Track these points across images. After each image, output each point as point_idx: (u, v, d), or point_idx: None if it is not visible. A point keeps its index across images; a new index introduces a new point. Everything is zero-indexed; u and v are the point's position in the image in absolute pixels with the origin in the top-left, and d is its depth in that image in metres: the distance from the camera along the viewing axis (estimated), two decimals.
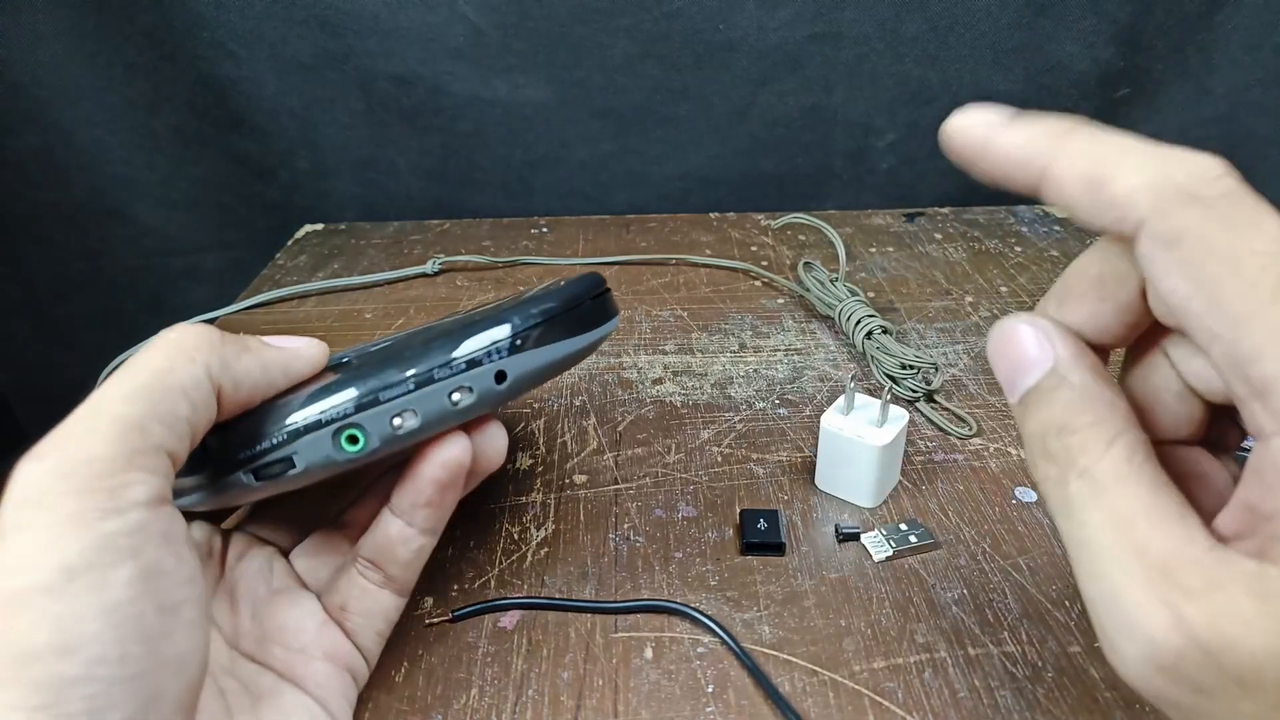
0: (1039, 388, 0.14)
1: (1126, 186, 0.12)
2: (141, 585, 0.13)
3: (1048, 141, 0.13)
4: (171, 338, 0.16)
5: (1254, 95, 0.46)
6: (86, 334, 0.55)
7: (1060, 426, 0.13)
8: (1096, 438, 0.13)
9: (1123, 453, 0.13)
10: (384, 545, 0.19)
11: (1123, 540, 0.12)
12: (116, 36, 0.45)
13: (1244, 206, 0.12)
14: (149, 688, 0.13)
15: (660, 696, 0.20)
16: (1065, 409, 0.13)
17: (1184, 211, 0.12)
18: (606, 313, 0.21)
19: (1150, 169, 0.12)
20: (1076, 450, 0.13)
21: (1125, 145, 0.13)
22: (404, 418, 0.17)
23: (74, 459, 0.14)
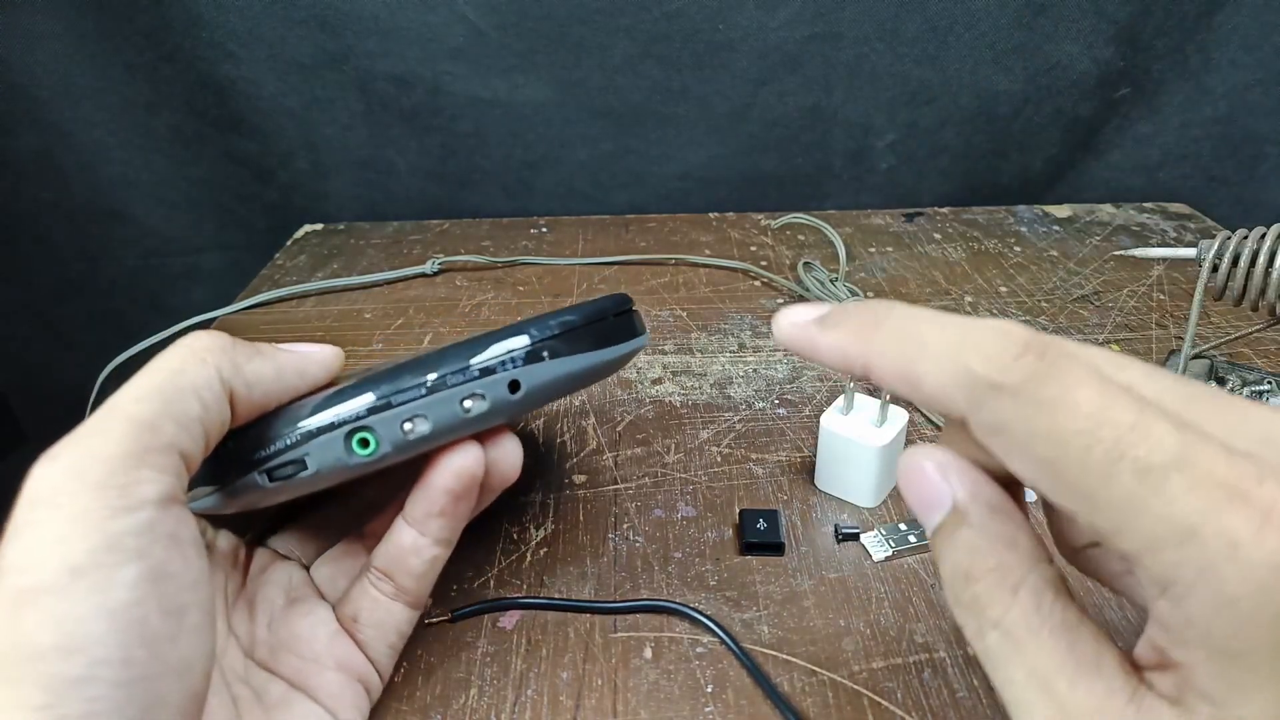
0: (943, 527, 0.14)
1: (934, 386, 0.12)
2: (147, 587, 0.13)
3: (858, 344, 0.14)
4: (185, 342, 0.16)
5: (1254, 95, 0.46)
6: (86, 334, 0.55)
7: (966, 573, 0.13)
8: (1001, 584, 0.13)
9: (1030, 600, 0.12)
10: (397, 555, 0.19)
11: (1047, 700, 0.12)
12: (116, 37, 0.45)
13: (1051, 382, 0.11)
14: (151, 692, 0.13)
15: (659, 696, 0.20)
16: (968, 554, 0.13)
17: (995, 404, 0.11)
18: (631, 330, 0.20)
19: (950, 365, 0.12)
20: (985, 600, 0.13)
21: (926, 336, 0.13)
22: (415, 423, 0.17)
23: (86, 457, 0.14)
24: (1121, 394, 0.11)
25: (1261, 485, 0.10)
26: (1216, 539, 0.10)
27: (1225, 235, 0.27)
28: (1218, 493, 0.10)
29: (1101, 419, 0.11)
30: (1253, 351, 0.34)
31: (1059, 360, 0.11)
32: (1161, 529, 0.10)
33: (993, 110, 0.48)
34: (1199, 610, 0.10)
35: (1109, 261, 0.42)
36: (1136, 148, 0.49)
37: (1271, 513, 0.10)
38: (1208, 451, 0.10)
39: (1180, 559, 0.10)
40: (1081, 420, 0.11)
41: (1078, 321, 0.37)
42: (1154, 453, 0.10)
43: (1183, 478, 0.10)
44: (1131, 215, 0.48)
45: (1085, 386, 0.11)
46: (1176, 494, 0.10)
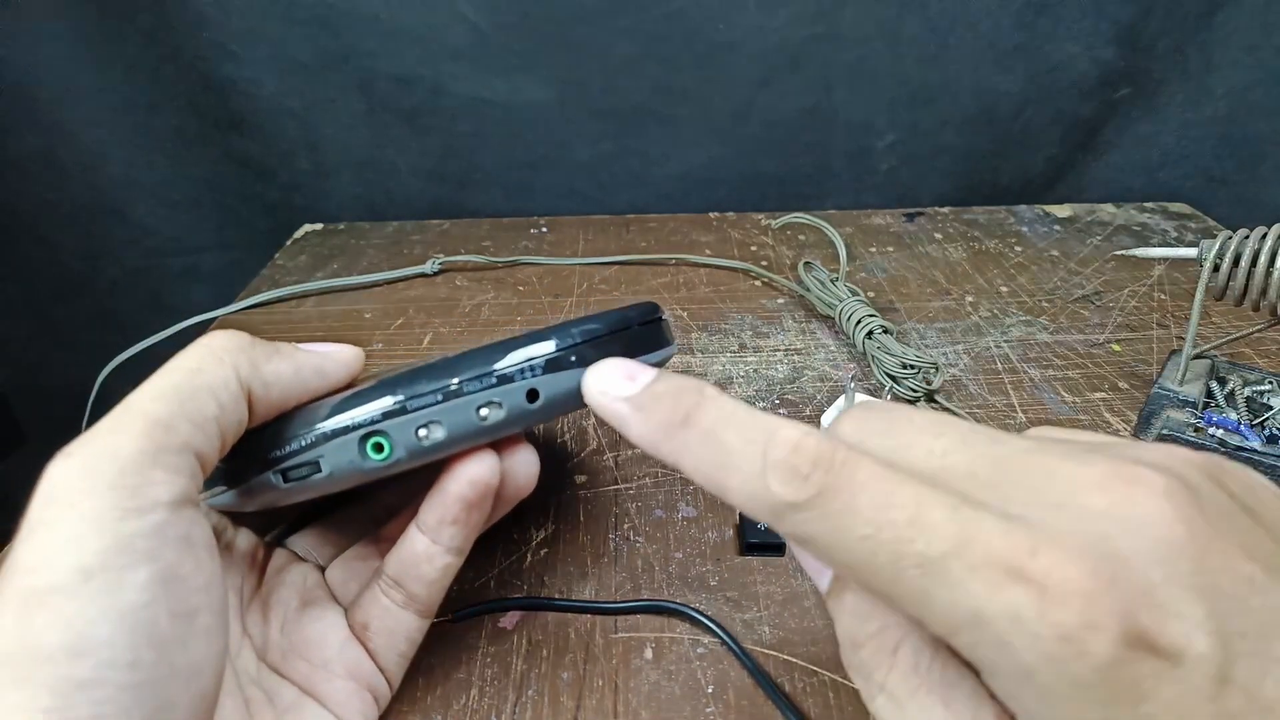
0: (830, 592, 0.14)
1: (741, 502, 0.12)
2: (157, 589, 0.13)
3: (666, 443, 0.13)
4: (203, 341, 0.16)
5: (1254, 95, 0.46)
6: (86, 334, 0.55)
7: (851, 639, 0.13)
8: (882, 648, 0.13)
9: (908, 660, 0.12)
10: (409, 562, 0.19)
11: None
12: (117, 37, 0.45)
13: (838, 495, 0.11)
14: (160, 695, 0.13)
15: (660, 697, 0.20)
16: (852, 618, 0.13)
17: (795, 518, 0.12)
18: (659, 340, 0.20)
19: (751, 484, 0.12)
20: (869, 665, 0.13)
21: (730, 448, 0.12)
22: (430, 429, 0.17)
23: (100, 456, 0.14)
24: (903, 489, 0.11)
25: (1035, 557, 0.10)
26: (1002, 618, 0.10)
27: (1226, 235, 0.27)
28: (994, 572, 0.10)
29: (881, 521, 0.11)
30: (1253, 351, 0.34)
31: (843, 469, 0.11)
32: (953, 615, 0.10)
33: (993, 110, 0.48)
34: (1008, 685, 0.11)
35: (1110, 261, 0.42)
36: (1137, 148, 0.49)
37: (1047, 584, 0.10)
38: (983, 529, 0.10)
39: (976, 640, 0.10)
40: (863, 526, 0.11)
41: (1079, 321, 0.37)
42: (931, 544, 0.11)
43: (960, 563, 0.10)
44: (1132, 215, 0.48)
45: (865, 489, 0.11)
46: (957, 580, 0.10)
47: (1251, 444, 0.27)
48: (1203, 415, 0.28)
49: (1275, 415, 0.28)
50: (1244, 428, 0.27)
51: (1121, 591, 0.10)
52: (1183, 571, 0.10)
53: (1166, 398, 0.30)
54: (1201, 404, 0.29)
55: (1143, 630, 0.09)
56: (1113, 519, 0.10)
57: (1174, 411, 0.29)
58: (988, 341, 0.36)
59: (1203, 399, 0.29)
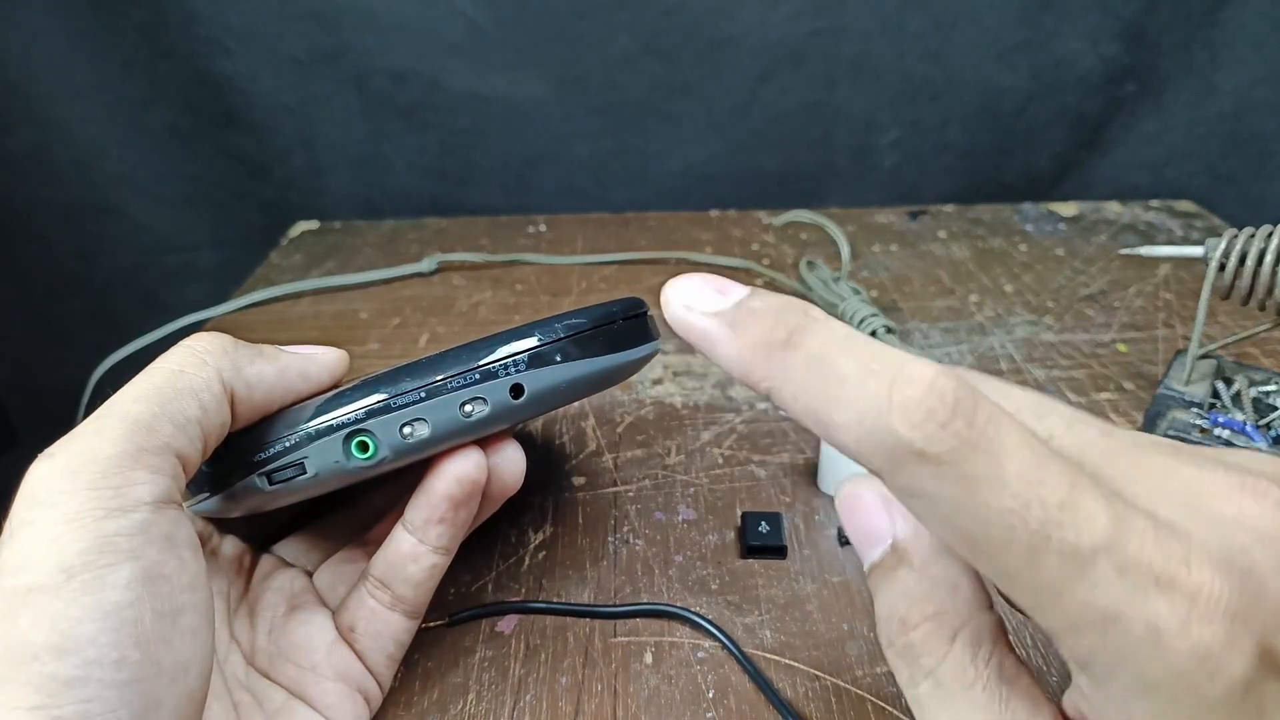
0: (881, 566, 0.13)
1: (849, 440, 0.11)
2: (140, 588, 0.13)
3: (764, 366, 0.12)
4: (186, 343, 0.16)
5: (1260, 92, 0.46)
6: (81, 332, 0.54)
7: (902, 619, 0.12)
8: (938, 633, 0.12)
9: (966, 651, 0.12)
10: (395, 563, 0.18)
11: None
12: (111, 33, 0.45)
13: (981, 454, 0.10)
14: (146, 694, 0.13)
15: (660, 702, 0.20)
16: (906, 597, 0.12)
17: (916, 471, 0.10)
18: (644, 335, 0.20)
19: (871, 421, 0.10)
20: (920, 648, 0.12)
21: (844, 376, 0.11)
22: (414, 427, 0.17)
23: (81, 456, 0.14)
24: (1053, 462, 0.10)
25: (1189, 570, 0.09)
26: (1140, 626, 0.09)
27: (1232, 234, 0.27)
28: (1145, 578, 0.09)
29: (1029, 498, 0.10)
30: (1260, 351, 0.33)
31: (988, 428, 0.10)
32: (1084, 614, 0.10)
33: (997, 107, 0.47)
34: (1118, 693, 0.10)
35: (1115, 260, 0.42)
36: (1143, 145, 0.49)
37: (1197, 600, 0.09)
38: (1137, 531, 0.10)
39: (1100, 644, 0.10)
40: (1008, 499, 0.10)
41: (1084, 320, 0.37)
42: (1082, 535, 0.10)
43: (1110, 562, 0.10)
44: (1138, 213, 0.48)
45: (1015, 457, 0.10)
46: (1102, 579, 0.10)
47: (1257, 445, 0.26)
48: (1209, 416, 0.28)
49: None
50: (1250, 429, 0.27)
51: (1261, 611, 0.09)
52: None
53: (1172, 398, 0.29)
54: (1207, 404, 0.29)
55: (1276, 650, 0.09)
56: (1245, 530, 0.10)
57: (1180, 412, 0.29)
58: (992, 341, 0.36)
59: (1209, 399, 0.29)
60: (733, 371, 0.12)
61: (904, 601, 0.12)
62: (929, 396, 0.10)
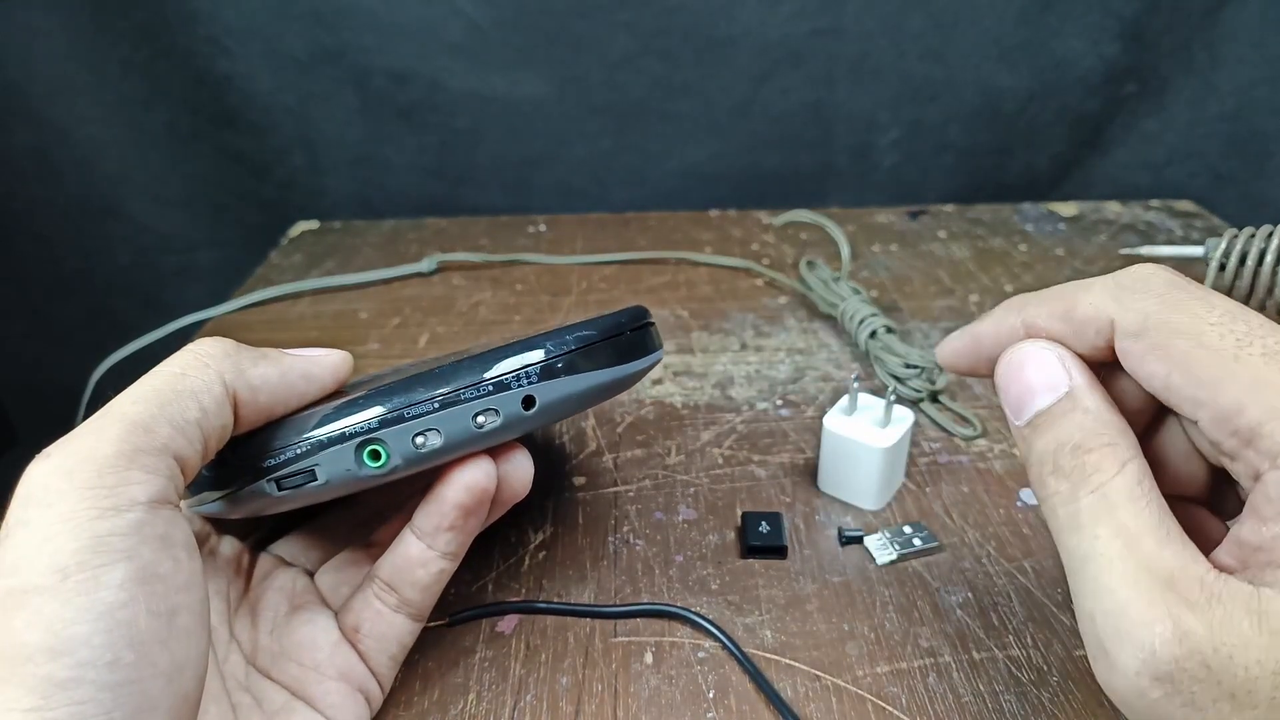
0: (1052, 411, 0.15)
1: (1089, 303, 0.15)
2: (135, 588, 0.13)
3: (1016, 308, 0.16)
4: (189, 347, 0.16)
5: (1261, 92, 0.46)
6: (80, 332, 0.54)
7: (1076, 445, 0.14)
8: (1112, 457, 0.14)
9: (1134, 474, 0.14)
10: (403, 567, 0.19)
11: (1131, 554, 0.13)
12: (110, 33, 0.45)
13: (1188, 290, 0.14)
14: (141, 694, 0.13)
15: (660, 702, 0.20)
16: (1081, 430, 0.14)
17: (1142, 303, 0.14)
18: (648, 346, 0.20)
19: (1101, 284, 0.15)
20: (1091, 467, 0.14)
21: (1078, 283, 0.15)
22: (427, 437, 0.17)
23: (76, 456, 0.14)
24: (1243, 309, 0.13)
25: None
26: None
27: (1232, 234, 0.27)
28: None
29: (1236, 315, 0.13)
30: None
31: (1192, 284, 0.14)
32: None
33: (998, 107, 0.47)
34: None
35: (1116, 260, 0.42)
36: (1143, 145, 0.49)
37: None
38: None
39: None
40: (1217, 315, 0.13)
41: None
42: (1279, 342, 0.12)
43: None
44: (1138, 213, 0.48)
45: (1218, 296, 0.13)
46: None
47: None
48: None
49: None
50: None
51: None
52: None
53: None
54: None
55: None
56: None
57: None
58: None
59: None
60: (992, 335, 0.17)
61: (1079, 433, 0.14)
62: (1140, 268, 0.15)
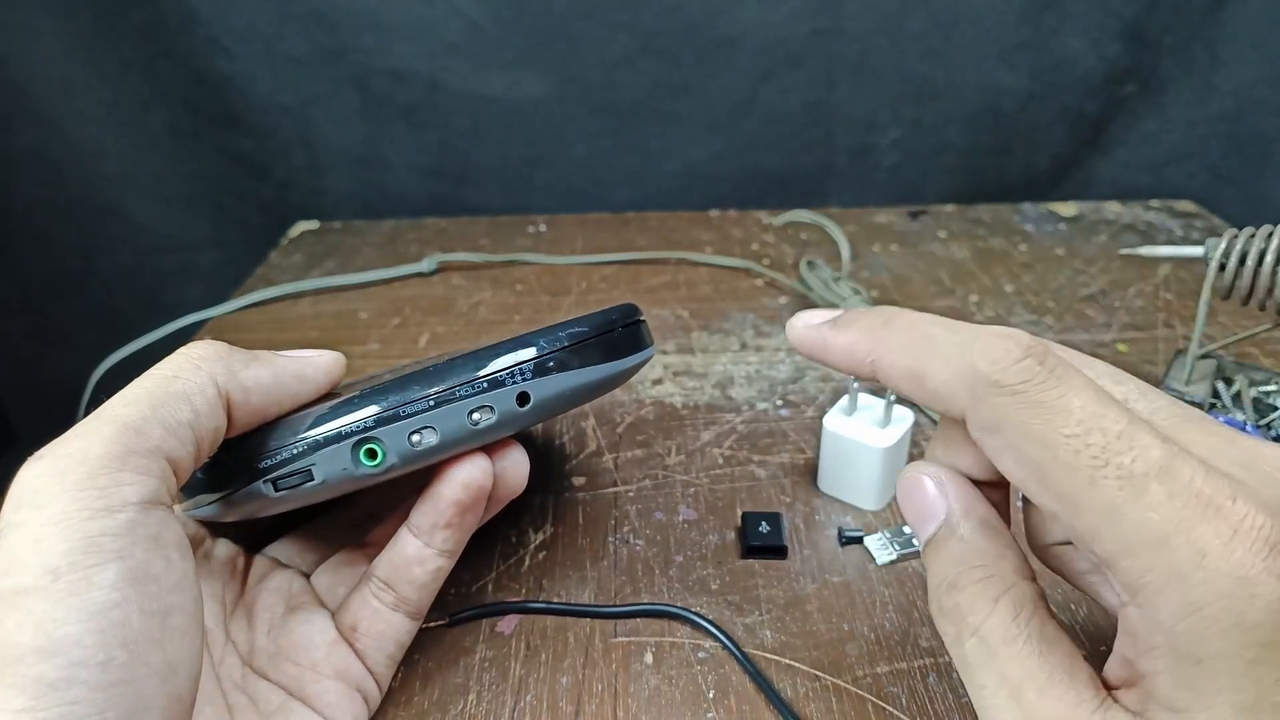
0: (935, 539, 0.15)
1: (940, 381, 0.13)
2: (127, 588, 0.13)
3: (869, 341, 0.15)
4: (181, 350, 0.17)
5: (1261, 92, 0.46)
6: (80, 331, 0.54)
7: (951, 583, 0.14)
8: (983, 594, 0.13)
9: (1009, 611, 0.13)
10: (400, 565, 0.19)
11: (1014, 706, 0.12)
12: (110, 33, 0.45)
13: (1049, 387, 0.12)
14: (133, 694, 0.13)
15: (660, 702, 0.20)
16: (955, 563, 0.14)
17: (995, 402, 0.12)
18: (639, 342, 0.20)
19: (956, 363, 0.13)
20: (965, 609, 0.13)
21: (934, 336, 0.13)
22: (423, 434, 0.17)
23: (68, 458, 0.14)
24: (1113, 404, 0.12)
25: (1234, 502, 0.11)
26: (1187, 547, 0.11)
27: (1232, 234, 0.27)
28: (1193, 504, 0.11)
29: (1092, 425, 0.11)
30: (1260, 351, 0.33)
31: (1058, 367, 0.12)
32: (1136, 534, 0.11)
33: (998, 107, 0.47)
34: (1166, 615, 0.11)
35: (1115, 260, 0.42)
36: (1143, 145, 0.49)
37: (1239, 528, 0.10)
38: (1188, 465, 0.11)
39: (1151, 564, 0.11)
40: (1073, 425, 0.11)
41: (1084, 321, 0.37)
42: (1138, 461, 0.11)
43: (1162, 487, 0.11)
44: (1138, 213, 0.48)
45: (1080, 394, 0.12)
46: (1154, 502, 0.11)
47: None
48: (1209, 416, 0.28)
49: None
50: (1250, 428, 0.27)
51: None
52: None
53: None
54: (1208, 404, 0.29)
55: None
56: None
57: None
58: None
59: (1209, 399, 0.29)
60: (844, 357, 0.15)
61: (954, 568, 0.14)
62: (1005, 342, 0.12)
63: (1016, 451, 0.12)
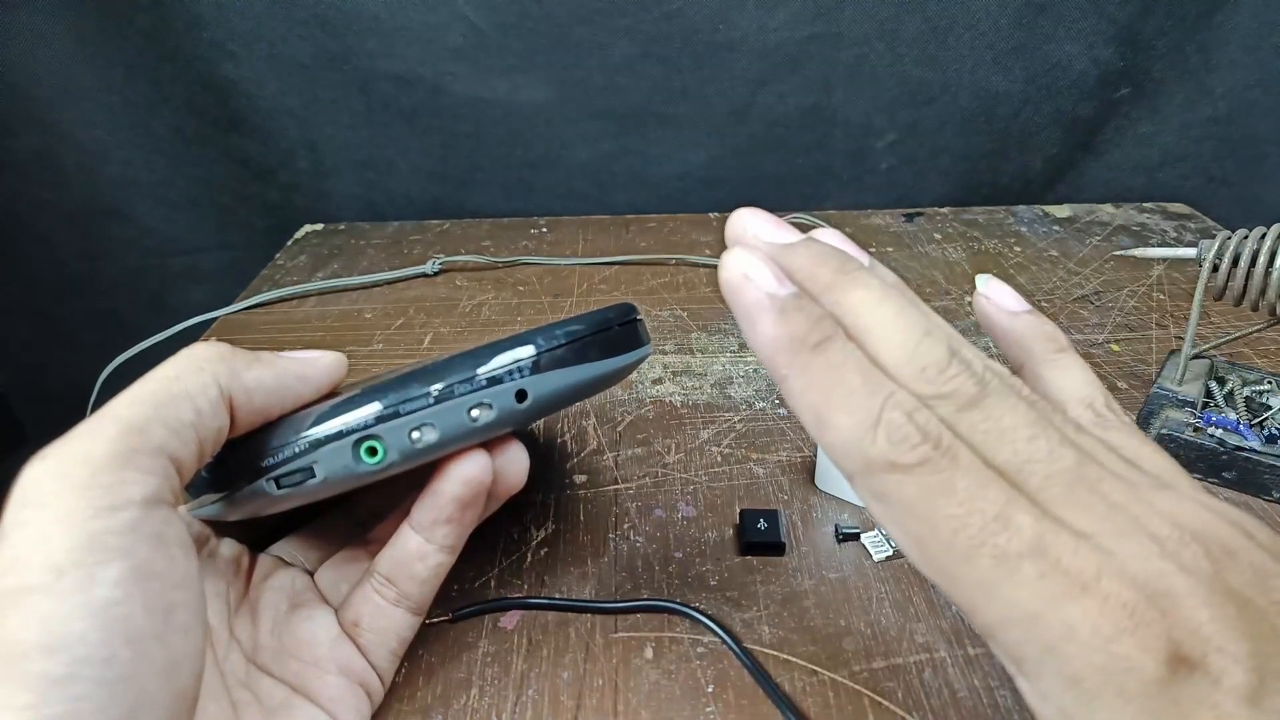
0: None
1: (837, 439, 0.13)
2: (130, 586, 0.13)
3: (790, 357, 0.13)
4: (184, 351, 0.17)
5: (1253, 95, 0.46)
6: (86, 334, 0.55)
7: None
8: None
9: None
10: (402, 561, 0.19)
11: None
12: (116, 37, 0.45)
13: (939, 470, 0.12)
14: (137, 690, 0.13)
15: (660, 696, 0.20)
16: None
17: (885, 477, 0.12)
18: (636, 340, 0.20)
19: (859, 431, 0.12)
20: None
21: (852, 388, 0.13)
22: (423, 432, 0.17)
23: (72, 458, 0.14)
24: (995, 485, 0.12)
25: (1099, 580, 0.11)
26: (1059, 624, 0.11)
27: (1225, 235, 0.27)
28: (1061, 582, 0.11)
29: (972, 507, 0.12)
30: (1253, 351, 0.34)
31: (949, 450, 0.12)
32: (1010, 611, 0.11)
33: (993, 110, 0.48)
34: (1050, 687, 0.11)
35: (1109, 261, 0.42)
36: (1136, 148, 0.49)
37: (1105, 604, 0.11)
38: (1058, 543, 0.11)
39: (1026, 639, 0.11)
40: (955, 506, 0.12)
41: (1078, 321, 0.37)
42: (1011, 541, 0.11)
43: (1033, 567, 0.11)
44: (1131, 215, 0.48)
45: (964, 477, 0.12)
46: (1025, 580, 0.11)
47: (1250, 444, 0.27)
48: (1201, 415, 0.28)
49: (1274, 415, 0.28)
50: (1243, 427, 0.27)
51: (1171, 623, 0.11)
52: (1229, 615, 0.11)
53: (1165, 398, 0.30)
54: (1200, 404, 0.29)
55: (1186, 656, 0.10)
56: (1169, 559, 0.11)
57: (1173, 411, 0.29)
58: (987, 342, 0.36)
59: (1202, 399, 0.29)
60: (761, 351, 0.14)
61: None
62: (909, 421, 0.12)
63: (900, 524, 0.12)
